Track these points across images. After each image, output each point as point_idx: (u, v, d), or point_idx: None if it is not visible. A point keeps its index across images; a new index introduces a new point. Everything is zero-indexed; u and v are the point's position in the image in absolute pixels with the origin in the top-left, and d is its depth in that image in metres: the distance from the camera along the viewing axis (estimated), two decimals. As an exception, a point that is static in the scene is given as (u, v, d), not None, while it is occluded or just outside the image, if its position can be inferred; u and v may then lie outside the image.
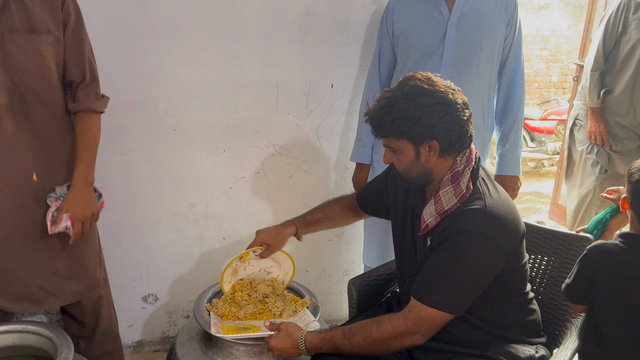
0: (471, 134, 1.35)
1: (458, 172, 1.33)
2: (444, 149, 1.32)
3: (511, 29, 1.97)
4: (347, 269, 2.54)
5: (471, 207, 1.29)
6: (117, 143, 2.00)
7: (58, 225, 1.55)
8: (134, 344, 2.33)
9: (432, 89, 1.30)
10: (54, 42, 1.50)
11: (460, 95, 1.33)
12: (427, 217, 1.35)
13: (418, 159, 1.34)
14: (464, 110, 1.32)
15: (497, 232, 1.28)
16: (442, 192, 1.33)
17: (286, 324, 1.44)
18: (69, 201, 1.57)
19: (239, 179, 2.23)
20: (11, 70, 1.43)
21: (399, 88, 1.32)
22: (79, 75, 1.58)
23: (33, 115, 1.52)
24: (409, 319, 1.29)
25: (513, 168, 2.09)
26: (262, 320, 1.57)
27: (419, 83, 1.30)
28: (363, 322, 1.36)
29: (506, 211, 1.31)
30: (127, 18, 1.91)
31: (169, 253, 2.24)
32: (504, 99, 2.07)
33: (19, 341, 1.51)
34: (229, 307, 1.66)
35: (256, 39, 2.07)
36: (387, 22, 2.02)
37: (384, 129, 1.34)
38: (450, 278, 1.28)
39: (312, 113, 2.24)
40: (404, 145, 1.33)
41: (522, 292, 1.44)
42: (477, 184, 1.34)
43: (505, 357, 1.36)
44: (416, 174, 1.36)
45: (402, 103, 1.29)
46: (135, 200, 2.12)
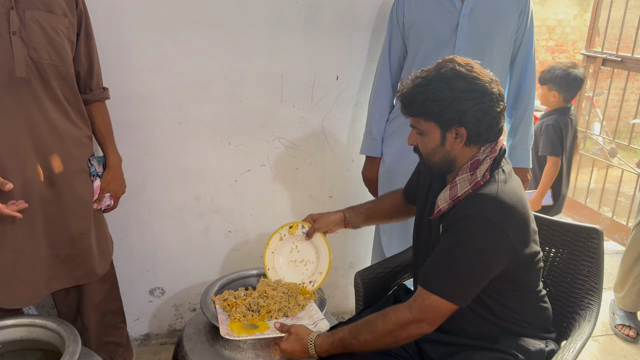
0: (502, 126, 1.32)
1: (478, 160, 1.31)
2: (471, 137, 1.29)
3: (523, 19, 1.95)
4: (353, 262, 2.54)
5: (481, 193, 1.28)
6: (122, 137, 1.99)
7: (101, 203, 1.75)
8: (141, 337, 2.34)
9: (469, 74, 1.26)
10: (69, 26, 1.56)
11: (497, 86, 1.29)
12: (441, 202, 1.34)
13: (443, 144, 1.31)
14: (498, 102, 1.28)
15: (504, 219, 1.25)
16: (458, 179, 1.32)
17: (296, 327, 1.43)
18: (109, 181, 1.75)
19: (244, 172, 2.23)
20: (30, 46, 1.48)
21: (436, 69, 1.29)
22: (88, 66, 1.67)
23: (57, 93, 1.56)
24: (414, 308, 1.27)
25: (523, 160, 2.07)
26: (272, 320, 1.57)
27: (457, 67, 1.27)
28: (368, 317, 1.34)
29: (517, 202, 1.28)
30: (130, 10, 1.90)
31: (175, 246, 2.24)
32: (515, 90, 2.05)
33: (27, 335, 1.52)
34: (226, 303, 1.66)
35: (260, 31, 2.06)
36: (398, 13, 2.00)
37: (413, 109, 1.31)
38: (455, 264, 1.26)
39: (317, 105, 2.22)
40: (431, 128, 1.31)
41: (535, 290, 1.43)
42: (495, 173, 1.32)
43: (516, 350, 1.35)
44: (439, 160, 1.34)
45: (436, 85, 1.26)
46: (141, 194, 2.12)
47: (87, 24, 1.64)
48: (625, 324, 2.52)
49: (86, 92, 1.70)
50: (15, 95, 1.48)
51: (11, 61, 1.46)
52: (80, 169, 1.66)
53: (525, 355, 1.35)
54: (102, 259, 1.78)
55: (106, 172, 1.75)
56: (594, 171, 3.99)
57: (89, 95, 1.70)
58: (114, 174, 1.77)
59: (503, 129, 1.33)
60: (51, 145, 1.56)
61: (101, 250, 1.78)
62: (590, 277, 1.56)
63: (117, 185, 1.78)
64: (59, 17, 1.53)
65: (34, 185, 1.55)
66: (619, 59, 3.56)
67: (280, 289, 1.70)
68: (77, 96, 1.63)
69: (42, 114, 1.53)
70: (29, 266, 1.59)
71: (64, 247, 1.65)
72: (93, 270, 1.74)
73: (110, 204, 1.79)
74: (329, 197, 2.38)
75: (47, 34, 1.50)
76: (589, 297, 1.54)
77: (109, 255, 1.83)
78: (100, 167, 1.74)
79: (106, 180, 1.74)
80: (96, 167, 1.72)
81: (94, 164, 1.72)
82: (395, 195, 1.77)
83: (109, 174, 1.75)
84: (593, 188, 4.06)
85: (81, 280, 1.73)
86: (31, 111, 1.51)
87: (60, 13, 1.54)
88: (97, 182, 1.73)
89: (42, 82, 1.52)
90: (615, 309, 2.62)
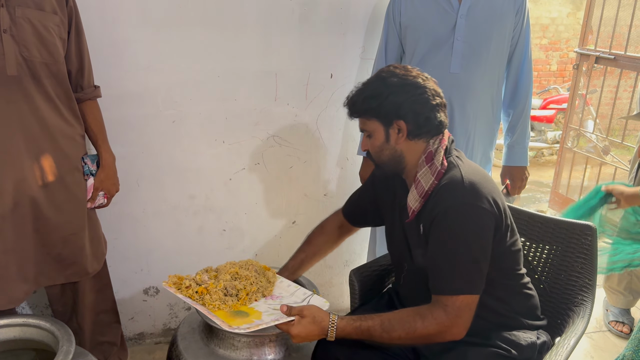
0: (442, 120, 1.36)
1: (431, 152, 1.35)
2: (411, 130, 1.35)
3: (520, 18, 1.96)
4: (347, 260, 2.54)
5: (448, 181, 1.31)
6: (116, 135, 1.99)
7: (94, 202, 1.75)
8: (135, 336, 2.33)
9: (403, 72, 1.36)
10: (59, 24, 1.56)
11: (433, 84, 1.37)
12: (412, 202, 1.36)
13: (388, 140, 1.37)
14: (434, 97, 1.35)
15: (479, 197, 1.29)
16: (420, 174, 1.35)
17: (310, 309, 1.33)
18: (103, 180, 1.75)
19: (239, 171, 2.22)
20: (21, 44, 1.47)
21: (376, 74, 1.40)
22: (78, 64, 1.66)
23: (49, 91, 1.55)
24: (450, 313, 1.27)
25: (521, 158, 2.08)
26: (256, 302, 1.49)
27: (392, 68, 1.38)
28: (401, 315, 1.31)
29: (482, 179, 1.33)
30: (124, 9, 1.89)
31: (170, 245, 2.23)
32: (512, 88, 2.06)
33: (20, 334, 1.51)
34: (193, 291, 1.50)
35: (254, 29, 2.05)
36: (394, 12, 2.00)
37: (355, 108, 1.39)
38: (459, 258, 1.28)
39: (311, 103, 2.22)
40: (375, 126, 1.37)
41: (517, 274, 1.44)
42: (451, 159, 1.36)
43: (508, 345, 1.37)
44: (387, 157, 1.39)
45: (373, 84, 1.37)
46: (135, 192, 2.11)
47: (78, 21, 1.63)
48: (619, 321, 2.53)
49: (77, 91, 1.69)
50: (6, 94, 1.47)
51: (2, 59, 1.45)
52: (74, 167, 1.66)
53: (517, 349, 1.37)
54: (94, 258, 1.77)
55: (100, 170, 1.74)
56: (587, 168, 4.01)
57: (80, 94, 1.69)
58: (108, 173, 1.76)
59: (445, 123, 1.38)
60: (44, 144, 1.55)
61: (94, 249, 1.77)
62: (583, 273, 1.56)
63: (110, 184, 1.78)
64: (49, 15, 1.52)
65: (25, 185, 1.53)
66: (612, 56, 3.57)
67: (251, 267, 1.61)
68: (69, 94, 1.62)
69: (34, 112, 1.52)
70: (19, 266, 1.58)
71: (56, 246, 1.64)
72: (85, 269, 1.73)
73: (103, 203, 1.79)
74: (324, 195, 2.38)
75: (38, 32, 1.49)
76: (582, 293, 1.55)
77: (102, 254, 1.83)
78: (94, 166, 1.74)
79: (99, 178, 1.74)
80: (90, 166, 1.72)
81: (87, 162, 1.71)
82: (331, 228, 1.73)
83: (103, 172, 1.75)
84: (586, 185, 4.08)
85: (71, 278, 1.72)
86: (23, 110, 1.50)
87: (51, 10, 1.53)
88: (91, 180, 1.72)
89: (33, 81, 1.51)
90: (608, 305, 2.63)
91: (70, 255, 1.68)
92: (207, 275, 1.56)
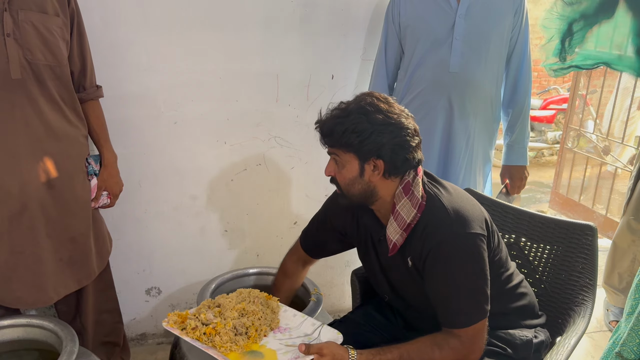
0: (419, 159, 1.32)
1: (409, 182, 1.31)
2: (388, 170, 1.29)
3: (518, 17, 1.97)
4: (349, 260, 2.54)
5: (433, 215, 1.29)
6: (118, 136, 1.99)
7: (98, 201, 1.75)
8: (137, 337, 2.34)
9: (387, 108, 1.28)
10: (62, 26, 1.56)
11: (412, 121, 1.31)
12: (393, 235, 1.33)
13: (362, 175, 1.31)
14: (413, 137, 1.29)
15: (468, 223, 1.28)
16: (399, 206, 1.31)
17: (329, 346, 1.28)
18: (106, 179, 1.76)
19: (240, 172, 2.23)
20: (24, 47, 1.48)
21: (356, 102, 1.30)
22: (81, 65, 1.67)
23: (53, 94, 1.56)
24: (465, 343, 1.28)
25: (520, 158, 2.09)
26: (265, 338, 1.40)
27: (376, 101, 1.29)
28: (418, 345, 1.30)
29: (462, 201, 1.32)
30: (125, 10, 1.90)
31: (171, 246, 2.24)
32: (511, 88, 2.07)
33: (24, 335, 1.52)
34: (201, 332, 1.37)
35: (256, 30, 2.06)
36: (394, 13, 2.01)
37: (332, 139, 1.31)
38: (465, 289, 1.28)
39: (313, 105, 2.23)
40: (350, 159, 1.30)
41: (506, 275, 1.44)
42: (428, 189, 1.33)
43: (503, 343, 1.38)
44: (358, 191, 1.33)
45: (356, 117, 1.27)
46: (137, 193, 2.12)
47: (80, 22, 1.64)
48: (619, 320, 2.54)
49: (80, 91, 1.70)
50: (10, 98, 1.48)
51: (6, 63, 1.45)
52: (79, 169, 1.67)
53: (512, 348, 1.39)
54: (99, 257, 1.78)
55: (102, 170, 1.75)
56: (587, 169, 4.01)
57: (83, 94, 1.70)
58: (110, 172, 1.77)
59: (421, 160, 1.33)
60: (48, 146, 1.56)
61: (98, 248, 1.78)
62: (584, 273, 1.57)
63: (114, 183, 1.79)
64: (52, 17, 1.53)
65: (32, 188, 1.54)
66: (611, 57, 3.57)
67: (257, 300, 1.51)
68: (73, 96, 1.63)
69: (39, 115, 1.53)
70: (30, 269, 1.58)
71: (66, 249, 1.65)
72: (93, 269, 1.74)
73: (107, 202, 1.80)
74: (325, 195, 2.37)
75: (41, 35, 1.50)
76: (583, 293, 1.55)
77: (107, 253, 1.83)
78: (97, 166, 1.75)
79: (102, 178, 1.75)
80: (93, 166, 1.73)
81: (91, 162, 1.72)
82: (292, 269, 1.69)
83: (105, 171, 1.76)
84: (587, 186, 4.09)
85: (83, 282, 1.73)
86: (27, 113, 1.51)
87: (53, 13, 1.53)
88: (94, 180, 1.73)
89: (37, 83, 1.52)
90: (609, 305, 2.64)
91: (80, 256, 1.69)
92: (212, 313, 1.44)
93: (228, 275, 1.83)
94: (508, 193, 2.14)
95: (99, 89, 1.76)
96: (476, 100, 2.00)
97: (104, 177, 1.75)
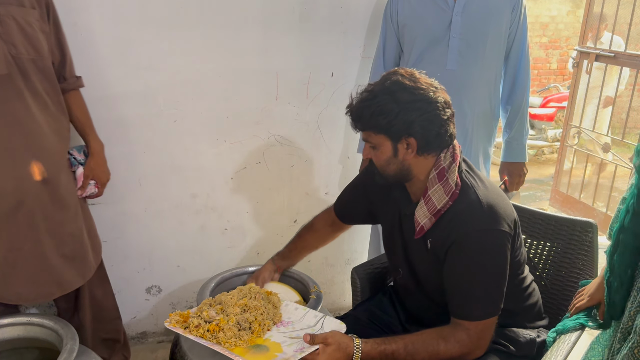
0: (452, 133, 1.32)
1: (444, 168, 1.31)
2: (421, 146, 1.29)
3: (516, 14, 1.96)
4: (349, 258, 2.54)
5: (466, 205, 1.29)
6: (118, 135, 2.00)
7: (85, 190, 1.73)
8: (137, 335, 2.34)
9: (413, 85, 1.27)
10: (39, 18, 1.55)
11: (442, 94, 1.30)
12: (421, 218, 1.33)
13: (396, 155, 1.31)
14: (444, 110, 1.29)
15: (499, 222, 1.28)
16: (431, 192, 1.31)
17: (334, 336, 1.29)
18: (93, 168, 1.74)
19: (240, 170, 2.23)
20: (8, 42, 1.47)
21: (381, 82, 1.30)
22: (60, 56, 1.66)
23: (37, 87, 1.54)
24: (473, 337, 1.28)
25: (519, 154, 2.09)
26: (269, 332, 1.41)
27: (400, 79, 1.28)
28: (423, 337, 1.30)
29: (497, 198, 1.32)
30: (125, 8, 1.90)
31: (172, 244, 2.24)
32: (509, 85, 2.07)
33: (24, 333, 1.52)
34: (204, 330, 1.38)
35: (255, 28, 2.06)
36: (392, 12, 2.01)
37: (362, 123, 1.32)
38: (481, 284, 1.28)
39: (312, 102, 2.23)
40: (382, 140, 1.31)
41: (519, 279, 1.44)
42: (464, 177, 1.33)
43: (506, 341, 1.38)
44: (394, 171, 1.34)
45: (382, 98, 1.27)
46: (137, 191, 2.12)
47: (55, 12, 1.62)
48: None
49: (61, 82, 1.68)
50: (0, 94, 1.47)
51: None
52: (66, 161, 1.67)
53: (515, 346, 1.39)
54: (94, 250, 1.77)
55: (89, 159, 1.75)
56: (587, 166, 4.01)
57: (64, 85, 1.68)
58: (97, 160, 1.76)
59: (454, 135, 1.33)
60: (39, 141, 1.55)
61: (92, 241, 1.77)
62: (584, 270, 1.57)
63: (101, 172, 1.77)
64: (29, 10, 1.52)
65: (27, 184, 1.54)
66: (611, 54, 3.58)
67: (258, 295, 1.52)
68: (56, 88, 1.62)
69: (27, 110, 1.52)
70: (30, 265, 1.58)
71: (67, 244, 1.65)
72: (91, 263, 1.74)
73: (94, 192, 1.78)
74: (325, 193, 2.38)
75: (22, 29, 1.49)
76: (583, 290, 1.55)
77: (99, 247, 1.83)
78: (81, 155, 1.74)
79: (89, 167, 1.74)
80: (76, 156, 1.72)
81: (74, 153, 1.73)
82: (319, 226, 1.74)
83: (92, 160, 1.75)
84: (587, 183, 4.09)
85: (86, 276, 1.72)
86: (16, 108, 1.50)
87: (29, 5, 1.52)
88: (80, 169, 1.72)
89: (23, 78, 1.51)
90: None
91: (80, 250, 1.69)
92: (214, 310, 1.44)
93: (228, 273, 1.82)
94: (507, 189, 2.14)
95: (79, 79, 1.74)
96: (474, 98, 2.00)
97: (91, 166, 1.74)
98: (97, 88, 1.91)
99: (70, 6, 1.80)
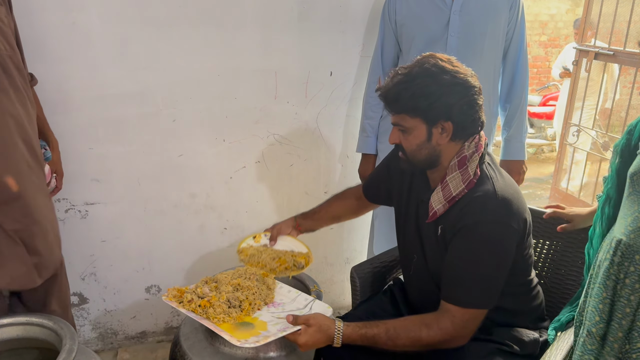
0: (483, 120, 1.33)
1: (465, 157, 1.31)
2: (456, 132, 1.29)
3: (514, 13, 1.96)
4: (348, 257, 2.54)
5: (481, 194, 1.28)
6: (117, 135, 1.99)
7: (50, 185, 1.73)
8: (137, 335, 2.34)
9: (453, 69, 1.27)
10: (7, 14, 1.54)
11: (477, 80, 1.31)
12: (435, 204, 1.33)
13: (430, 139, 1.30)
14: (480, 96, 1.30)
15: (510, 217, 1.27)
16: (449, 178, 1.31)
17: (315, 317, 1.33)
18: (56, 162, 1.77)
19: (239, 169, 2.23)
20: None
21: (419, 65, 1.29)
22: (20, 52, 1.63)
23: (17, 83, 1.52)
24: (457, 324, 1.27)
25: (518, 152, 2.09)
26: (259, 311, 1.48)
27: (439, 62, 1.27)
28: (406, 322, 1.32)
29: (514, 194, 1.31)
30: (123, 8, 1.89)
31: (171, 244, 2.24)
32: (508, 83, 2.07)
33: (23, 333, 1.51)
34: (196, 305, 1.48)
35: (253, 27, 2.06)
36: (390, 11, 2.01)
37: (400, 105, 1.29)
38: (479, 273, 1.28)
39: (311, 101, 2.23)
40: (417, 124, 1.29)
41: (527, 280, 1.44)
42: (484, 168, 1.33)
43: (510, 340, 1.37)
44: (424, 156, 1.33)
45: (423, 80, 1.26)
46: (136, 191, 2.11)
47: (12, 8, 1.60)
48: None
49: None
50: None
51: None
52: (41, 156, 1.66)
53: (519, 345, 1.38)
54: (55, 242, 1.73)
55: (53, 153, 1.77)
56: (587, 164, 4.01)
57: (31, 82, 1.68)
58: (58, 155, 1.80)
59: (485, 123, 1.34)
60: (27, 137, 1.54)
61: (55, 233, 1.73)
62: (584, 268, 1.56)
63: (60, 166, 1.80)
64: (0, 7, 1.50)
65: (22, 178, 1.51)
66: (611, 52, 3.58)
67: (252, 276, 1.60)
68: (28, 84, 1.61)
69: (12, 107, 1.50)
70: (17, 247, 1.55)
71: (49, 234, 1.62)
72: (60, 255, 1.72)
73: (55, 186, 1.80)
74: (324, 192, 2.38)
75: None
76: (583, 288, 1.55)
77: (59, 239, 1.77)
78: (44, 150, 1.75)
79: (54, 161, 1.76)
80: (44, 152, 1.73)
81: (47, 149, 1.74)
82: (348, 196, 1.76)
83: (55, 154, 1.77)
84: (586, 182, 4.09)
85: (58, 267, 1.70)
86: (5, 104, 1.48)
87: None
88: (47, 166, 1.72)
89: (5, 75, 1.49)
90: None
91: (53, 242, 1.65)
92: (208, 287, 1.53)
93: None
94: None
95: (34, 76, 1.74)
96: None
97: (55, 161, 1.77)
98: (96, 88, 1.91)
99: (69, 6, 1.80)
